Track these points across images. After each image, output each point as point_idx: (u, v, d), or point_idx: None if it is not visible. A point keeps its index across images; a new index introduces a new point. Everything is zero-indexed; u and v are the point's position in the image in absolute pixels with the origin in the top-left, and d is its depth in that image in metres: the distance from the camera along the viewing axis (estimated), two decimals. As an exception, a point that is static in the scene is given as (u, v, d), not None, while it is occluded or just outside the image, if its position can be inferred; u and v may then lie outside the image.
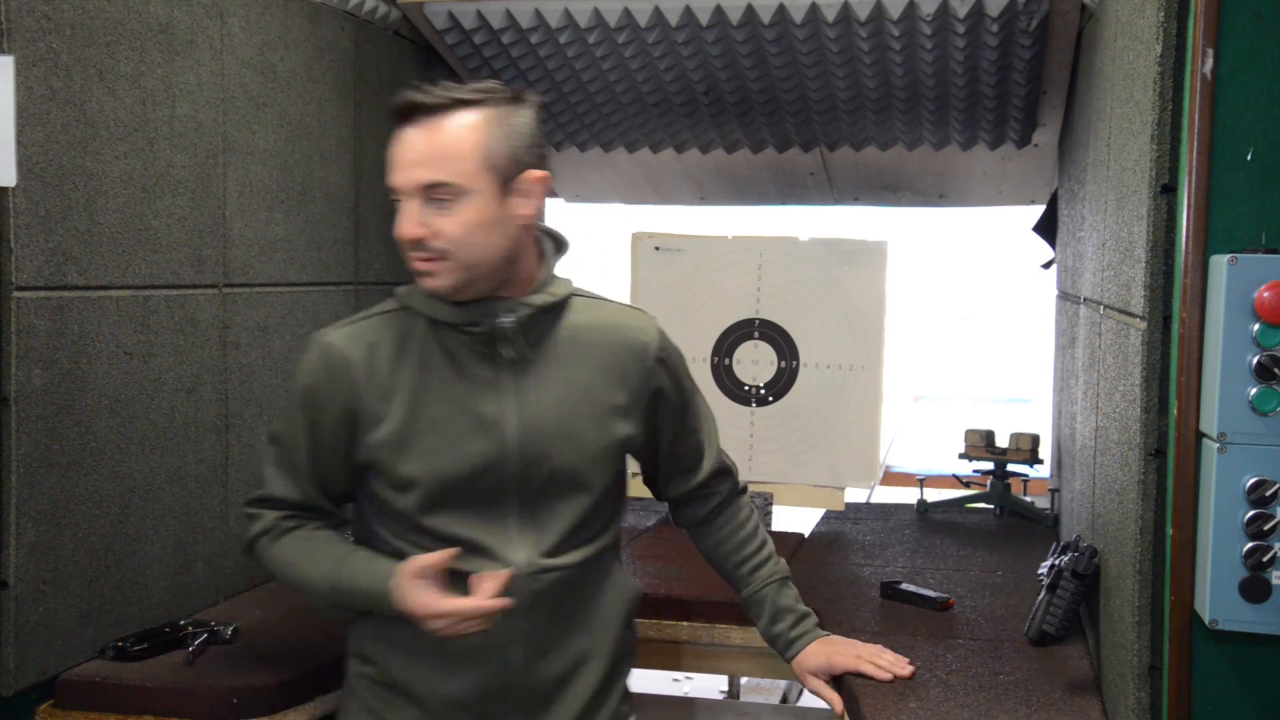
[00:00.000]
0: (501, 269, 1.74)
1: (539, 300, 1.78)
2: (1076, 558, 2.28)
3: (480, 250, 1.71)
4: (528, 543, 1.78)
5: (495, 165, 1.70)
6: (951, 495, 3.70)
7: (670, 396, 1.93)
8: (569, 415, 1.79)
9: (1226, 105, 1.67)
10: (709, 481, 2.05)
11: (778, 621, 2.10)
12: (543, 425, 1.77)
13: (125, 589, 2.34)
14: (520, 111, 1.73)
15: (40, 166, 2.10)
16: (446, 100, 1.73)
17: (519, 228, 1.74)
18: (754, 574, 2.09)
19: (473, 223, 1.70)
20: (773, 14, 3.05)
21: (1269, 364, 1.61)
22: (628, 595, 1.95)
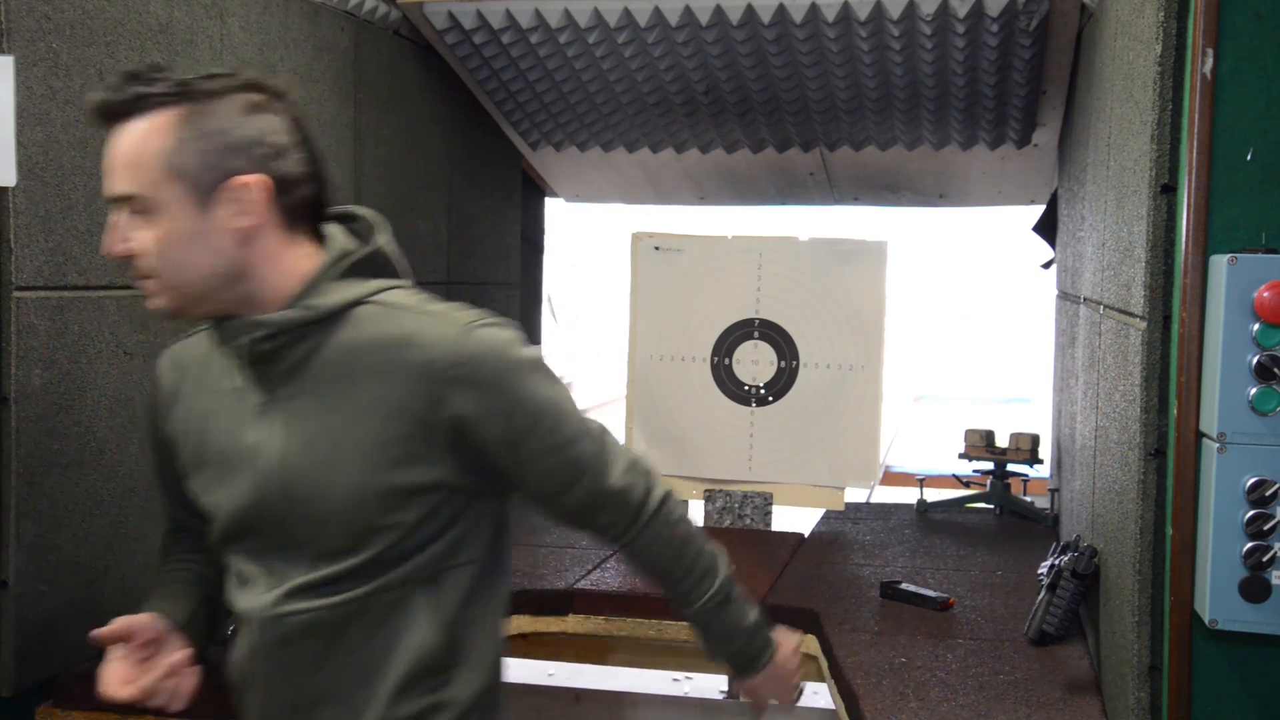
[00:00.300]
0: (224, 287, 1.47)
1: (281, 318, 1.47)
2: (1076, 558, 2.28)
3: (185, 269, 1.45)
4: (275, 581, 1.54)
5: (183, 173, 1.43)
6: (951, 495, 3.70)
7: (484, 424, 1.48)
8: (327, 453, 1.49)
9: (1226, 105, 1.67)
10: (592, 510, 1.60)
11: (718, 650, 1.75)
12: (299, 461, 1.49)
13: (125, 589, 2.33)
14: (222, 108, 1.46)
15: (40, 166, 2.10)
16: (131, 98, 1.47)
17: (235, 242, 1.45)
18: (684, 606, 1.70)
19: (167, 238, 1.44)
20: (773, 14, 3.05)
21: (1269, 364, 1.61)
22: (421, 652, 1.53)
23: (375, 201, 3.19)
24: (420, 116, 3.43)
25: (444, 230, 3.59)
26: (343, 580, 1.50)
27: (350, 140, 3.07)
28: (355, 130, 3.09)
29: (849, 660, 2.30)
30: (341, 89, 3.02)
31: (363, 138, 3.13)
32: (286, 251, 1.50)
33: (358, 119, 3.10)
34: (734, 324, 3.52)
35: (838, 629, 2.49)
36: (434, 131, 3.51)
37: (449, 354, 1.48)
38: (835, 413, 3.44)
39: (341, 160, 3.03)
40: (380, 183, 3.23)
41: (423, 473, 1.48)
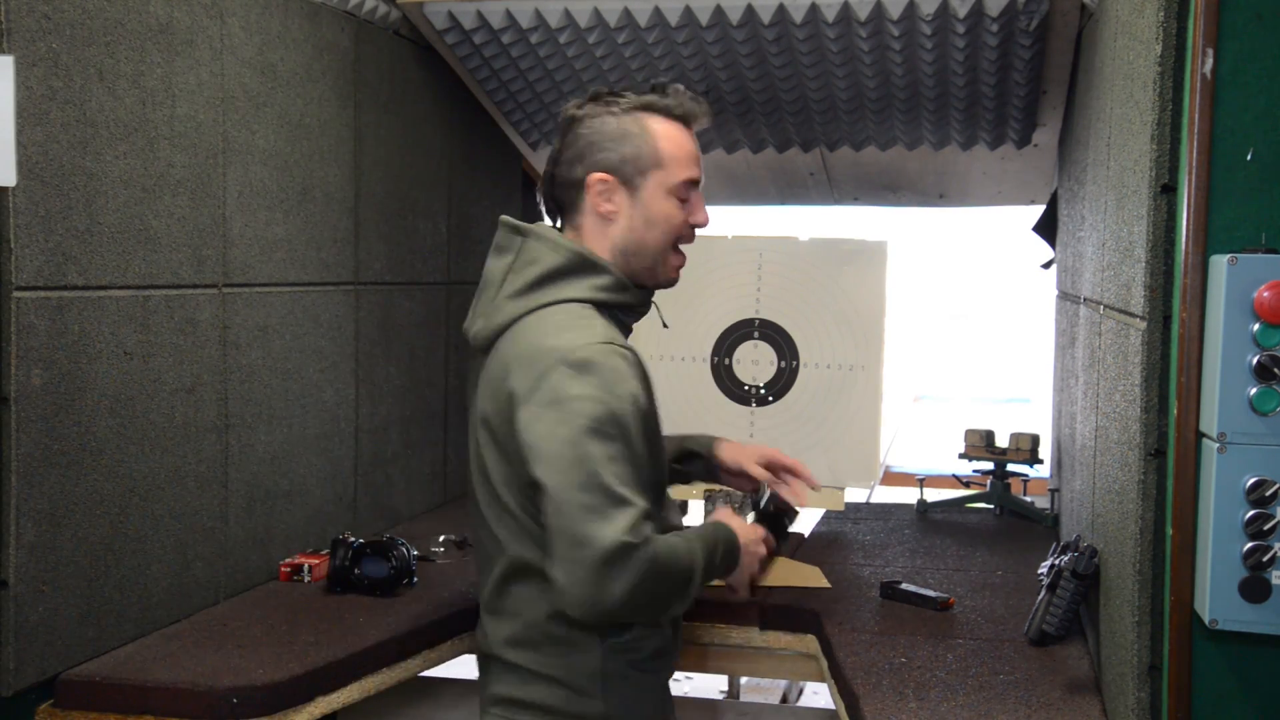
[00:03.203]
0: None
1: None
2: (1076, 558, 2.28)
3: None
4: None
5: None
6: (951, 495, 3.70)
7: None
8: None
9: (1226, 105, 1.67)
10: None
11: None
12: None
13: (125, 589, 2.34)
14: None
15: (40, 166, 2.10)
16: (706, 110, 2.06)
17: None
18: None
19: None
20: (773, 14, 3.05)
21: (1269, 364, 1.61)
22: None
23: (375, 201, 3.19)
24: (420, 116, 3.43)
25: (444, 230, 3.59)
26: None
27: (350, 140, 3.07)
28: (355, 130, 3.09)
29: (849, 660, 2.30)
30: (341, 89, 3.02)
31: (363, 138, 3.13)
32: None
33: (358, 119, 3.10)
34: (734, 324, 3.52)
35: (838, 629, 2.49)
36: (434, 131, 3.51)
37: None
38: (835, 413, 3.44)
39: (341, 160, 3.04)
40: (380, 183, 3.23)
41: None
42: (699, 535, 1.88)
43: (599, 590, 1.67)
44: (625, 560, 1.67)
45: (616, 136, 1.91)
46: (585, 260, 1.88)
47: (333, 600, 2.63)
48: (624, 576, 1.67)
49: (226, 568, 2.64)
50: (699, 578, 1.83)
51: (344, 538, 2.70)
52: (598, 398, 1.73)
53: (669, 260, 1.95)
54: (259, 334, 2.72)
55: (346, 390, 3.09)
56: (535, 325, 1.83)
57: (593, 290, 1.87)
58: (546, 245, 1.89)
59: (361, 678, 2.33)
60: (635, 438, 1.77)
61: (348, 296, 3.08)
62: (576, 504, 1.68)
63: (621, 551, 1.66)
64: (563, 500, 1.69)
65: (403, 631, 2.45)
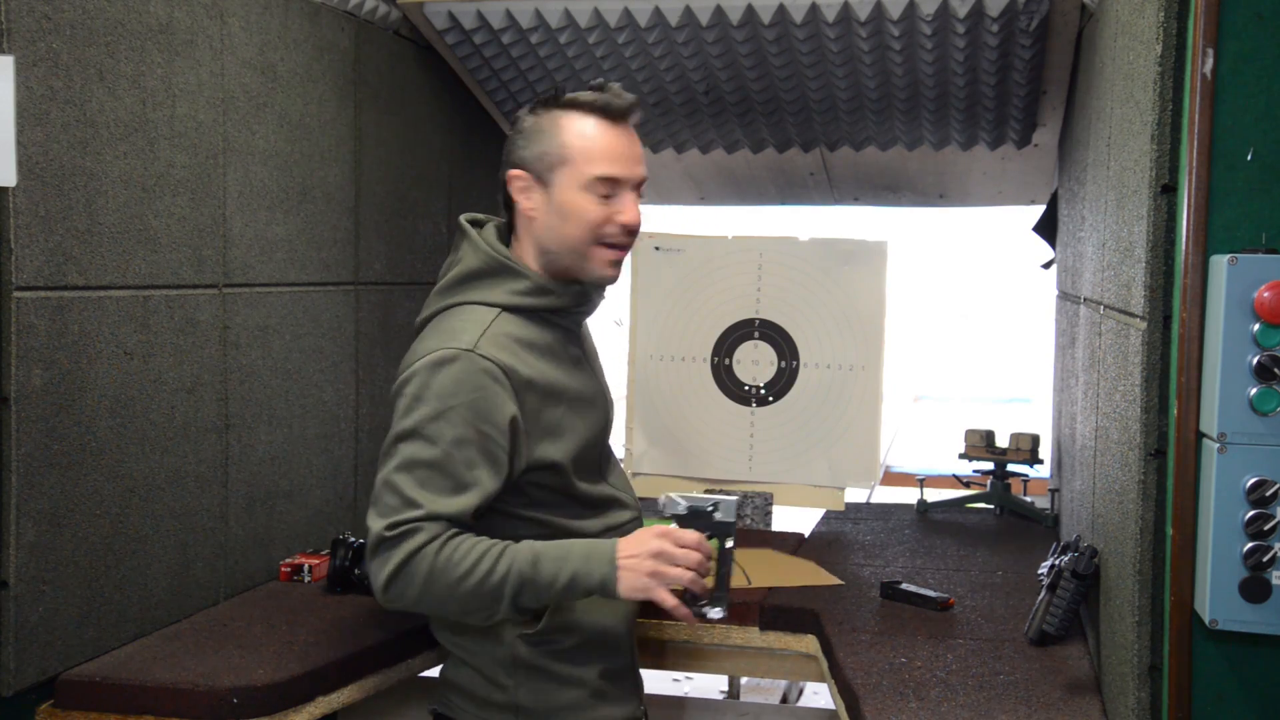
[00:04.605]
0: None
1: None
2: (1076, 558, 2.28)
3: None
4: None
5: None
6: (951, 495, 3.70)
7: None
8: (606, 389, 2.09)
9: (1226, 105, 1.67)
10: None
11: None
12: (606, 393, 2.06)
13: (125, 589, 2.34)
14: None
15: (40, 166, 2.10)
16: (632, 103, 1.96)
17: None
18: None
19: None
20: (773, 14, 3.05)
21: (1269, 364, 1.62)
22: None
23: (375, 201, 3.19)
24: (420, 116, 3.43)
25: (444, 230, 3.59)
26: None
27: (350, 140, 3.07)
28: (355, 130, 3.09)
29: (849, 660, 2.30)
30: (341, 89, 3.02)
31: (363, 138, 3.13)
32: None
33: (358, 119, 3.10)
34: (734, 324, 3.52)
35: (838, 629, 2.49)
36: (434, 131, 3.51)
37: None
38: (835, 413, 3.44)
39: (341, 160, 3.04)
40: (380, 183, 3.23)
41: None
42: (543, 551, 1.80)
43: (374, 573, 1.79)
44: (384, 551, 1.77)
45: (531, 134, 1.93)
46: (502, 265, 1.92)
47: (333, 600, 2.63)
48: (384, 566, 1.77)
49: (226, 568, 2.64)
50: (510, 595, 1.78)
51: (344, 538, 2.70)
52: (429, 400, 1.80)
53: (595, 255, 1.92)
54: (259, 334, 2.72)
55: (346, 390, 3.09)
56: (434, 326, 1.93)
57: (509, 295, 1.91)
58: (471, 247, 1.96)
59: (361, 678, 2.34)
60: (452, 444, 1.79)
61: (348, 296, 3.08)
62: (374, 494, 1.82)
63: (381, 542, 1.77)
64: (374, 490, 1.83)
65: (403, 631, 2.45)
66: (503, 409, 1.83)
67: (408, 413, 1.82)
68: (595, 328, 2.16)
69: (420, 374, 1.82)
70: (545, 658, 1.93)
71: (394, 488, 1.79)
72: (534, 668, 1.93)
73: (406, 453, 1.80)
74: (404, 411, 1.82)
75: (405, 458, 1.80)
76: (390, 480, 1.79)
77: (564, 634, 1.94)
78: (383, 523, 1.78)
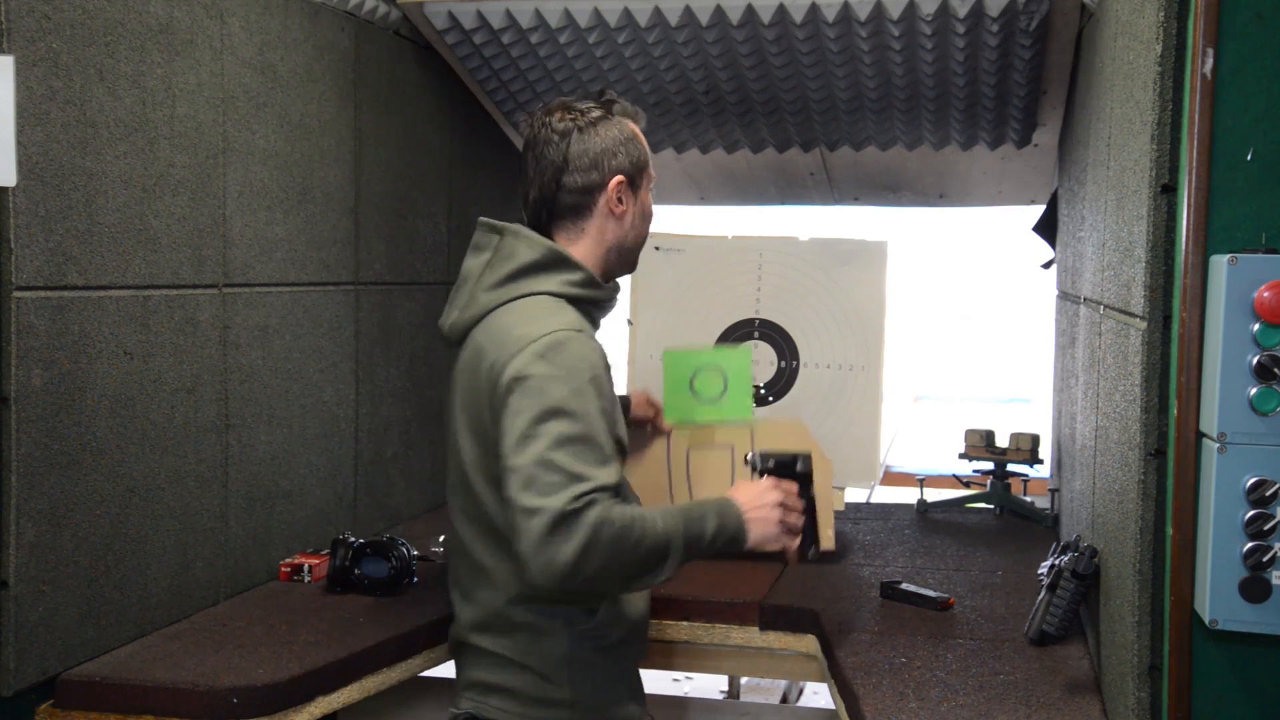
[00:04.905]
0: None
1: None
2: (1076, 558, 2.28)
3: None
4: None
5: None
6: (951, 495, 3.70)
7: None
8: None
9: (1226, 105, 1.67)
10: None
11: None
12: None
13: (125, 589, 2.34)
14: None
15: (40, 166, 2.10)
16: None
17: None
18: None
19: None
20: (773, 14, 3.05)
21: (1269, 364, 1.61)
22: None
23: (375, 201, 3.19)
24: (420, 116, 3.43)
25: (444, 230, 3.59)
26: None
27: (350, 140, 3.07)
28: (355, 130, 3.09)
29: (849, 660, 2.30)
30: (341, 89, 3.02)
31: (363, 138, 3.13)
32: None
33: (358, 119, 3.10)
34: (734, 324, 3.52)
35: (838, 629, 2.49)
36: (434, 131, 3.51)
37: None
38: (835, 413, 3.43)
39: (341, 160, 3.04)
40: (380, 183, 3.23)
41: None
42: (681, 509, 1.92)
43: (550, 556, 1.75)
44: (569, 526, 1.75)
45: (625, 141, 2.05)
46: (559, 256, 2.01)
47: (333, 600, 2.63)
48: (570, 541, 1.75)
49: (226, 568, 2.64)
50: (677, 550, 1.87)
51: (344, 538, 2.71)
52: (561, 379, 1.84)
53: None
54: (259, 334, 2.72)
55: (346, 390, 3.09)
56: (508, 315, 1.96)
57: (564, 285, 1.99)
58: (523, 241, 2.02)
59: (361, 678, 2.34)
60: (596, 417, 1.85)
61: (348, 296, 3.08)
62: (528, 478, 1.78)
63: (563, 518, 1.75)
64: (521, 475, 1.79)
65: (403, 631, 2.45)
66: (611, 384, 1.95)
67: (542, 393, 1.83)
68: (609, 327, 2.21)
69: (544, 355, 1.86)
70: (596, 653, 1.99)
71: (554, 465, 1.78)
72: (587, 663, 1.98)
73: (555, 430, 1.81)
74: (537, 392, 1.83)
75: (556, 435, 1.80)
76: (547, 459, 1.78)
77: (613, 627, 2.00)
78: (560, 499, 1.76)
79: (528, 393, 1.83)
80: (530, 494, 1.77)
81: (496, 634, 1.99)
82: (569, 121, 2.04)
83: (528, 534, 1.76)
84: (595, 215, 2.04)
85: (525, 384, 1.84)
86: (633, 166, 2.05)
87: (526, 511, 1.76)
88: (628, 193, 2.05)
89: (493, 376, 1.89)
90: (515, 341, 1.89)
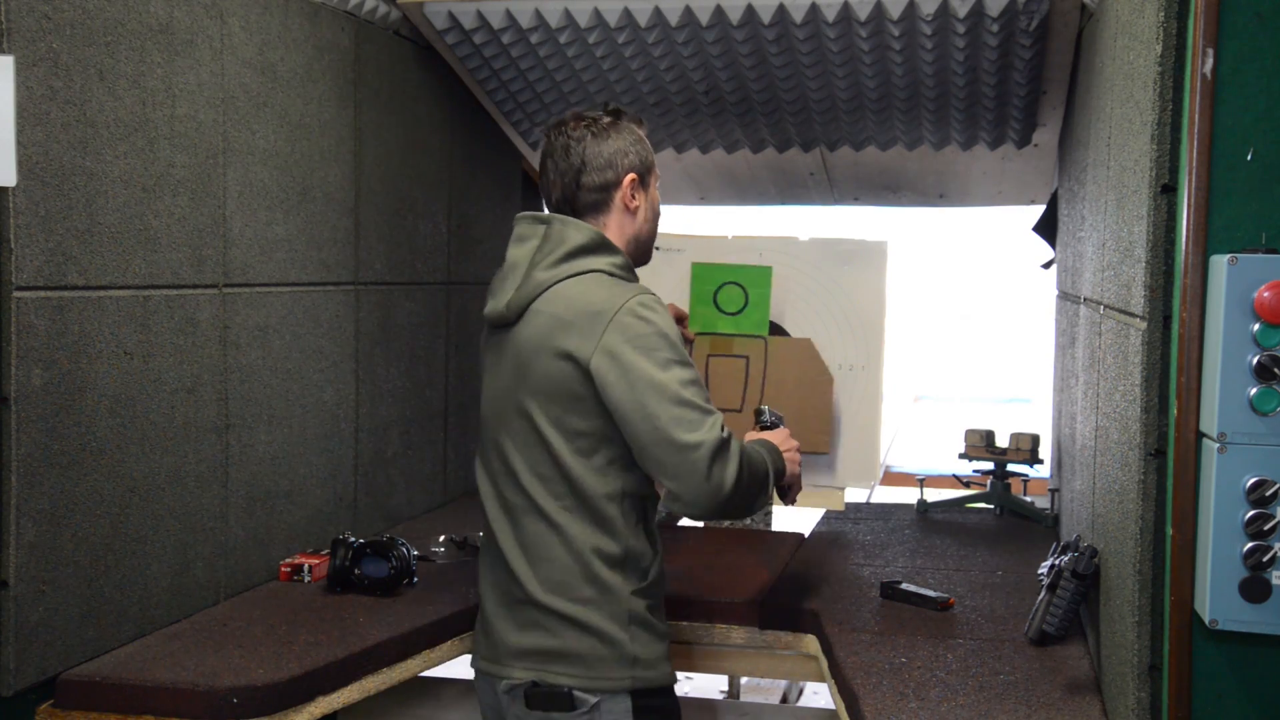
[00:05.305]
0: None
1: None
2: (1076, 558, 2.28)
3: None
4: None
5: None
6: (951, 495, 3.70)
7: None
8: None
9: (1226, 105, 1.67)
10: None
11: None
12: None
13: (125, 589, 2.34)
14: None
15: (40, 166, 2.10)
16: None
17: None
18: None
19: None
20: (773, 14, 3.05)
21: (1269, 364, 1.62)
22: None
23: (375, 201, 3.19)
24: (420, 116, 3.43)
25: (444, 230, 3.59)
26: None
27: (350, 140, 3.07)
28: (355, 130, 3.09)
29: (849, 660, 2.30)
30: (341, 89, 3.02)
31: (363, 138, 3.13)
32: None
33: (358, 119, 3.10)
34: (734, 324, 3.52)
35: (838, 629, 2.49)
36: (434, 131, 3.51)
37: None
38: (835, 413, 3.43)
39: (341, 160, 3.04)
40: (380, 183, 3.23)
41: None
42: (759, 444, 2.20)
43: (714, 483, 1.98)
44: (726, 451, 2.00)
45: (635, 142, 2.21)
46: (605, 240, 2.17)
47: (333, 600, 2.63)
48: (730, 465, 2.00)
49: (226, 568, 2.64)
50: (773, 474, 2.17)
51: (344, 538, 2.70)
52: (664, 332, 2.04)
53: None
54: (259, 334, 2.72)
55: (346, 390, 3.09)
56: (575, 286, 2.10)
57: (611, 266, 2.15)
58: (572, 227, 2.15)
59: (361, 678, 2.34)
60: (690, 360, 2.08)
61: (348, 296, 3.08)
62: (674, 418, 1.98)
63: (722, 445, 1.99)
64: (662, 421, 1.98)
65: (403, 631, 2.45)
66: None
67: (658, 346, 2.02)
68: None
69: (641, 315, 2.04)
70: (649, 611, 2.13)
71: (691, 404, 2.00)
72: (643, 621, 2.11)
73: (679, 375, 2.02)
74: (652, 346, 2.02)
75: (681, 379, 2.01)
76: (684, 398, 1.99)
77: (659, 587, 2.17)
78: (713, 431, 1.99)
79: (643, 348, 2.01)
80: (684, 431, 1.98)
81: (568, 595, 2.08)
82: (584, 128, 2.18)
83: (694, 466, 1.97)
84: (613, 211, 2.19)
85: (639, 341, 2.02)
86: (643, 165, 2.21)
87: (688, 447, 1.97)
88: (639, 189, 2.20)
89: (586, 340, 2.03)
90: (605, 305, 2.05)
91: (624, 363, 2.01)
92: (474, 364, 3.79)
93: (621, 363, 2.01)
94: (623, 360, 2.01)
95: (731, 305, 3.37)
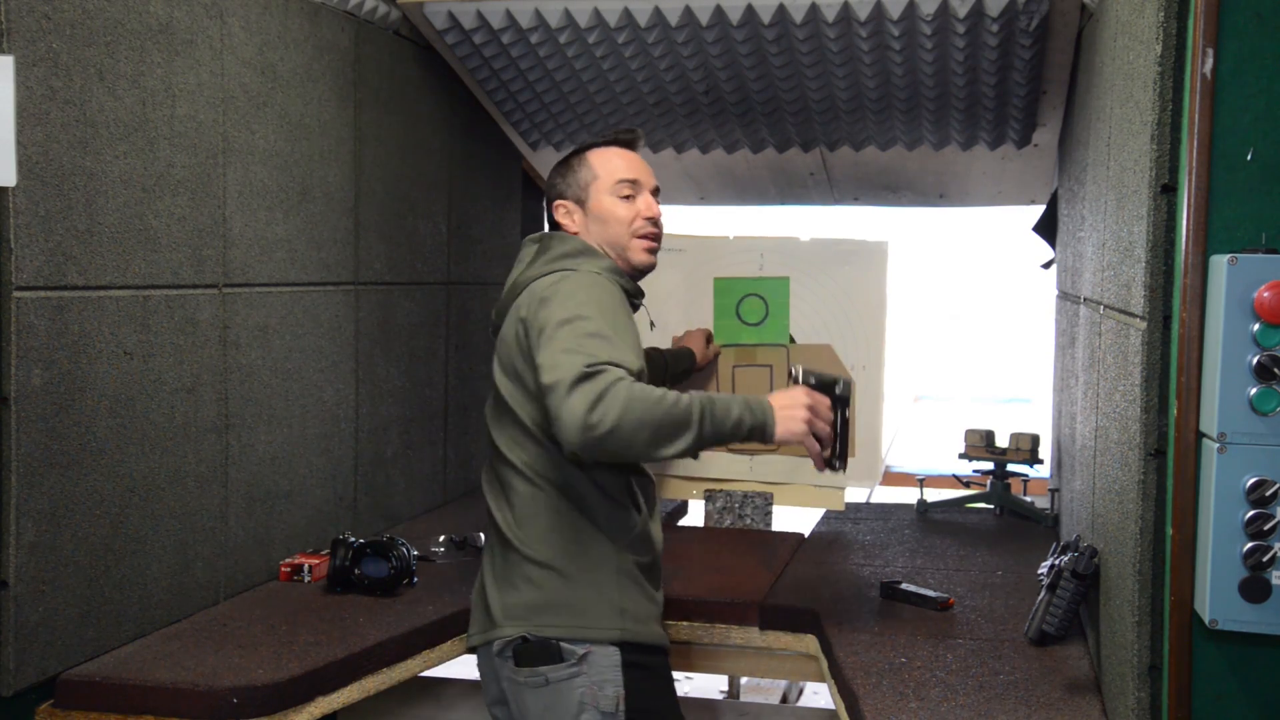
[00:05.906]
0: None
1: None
2: (1076, 558, 2.28)
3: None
4: None
5: None
6: (951, 495, 3.70)
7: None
8: None
9: (1226, 105, 1.67)
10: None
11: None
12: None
13: (125, 589, 2.34)
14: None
15: (40, 166, 2.10)
16: (638, 137, 2.40)
17: None
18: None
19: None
20: (773, 14, 3.05)
21: (1269, 364, 1.61)
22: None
23: (375, 201, 3.19)
24: (420, 116, 3.43)
25: (444, 230, 3.59)
26: None
27: (350, 140, 3.07)
28: (355, 130, 3.09)
29: (849, 660, 2.30)
30: (341, 89, 3.02)
31: (363, 138, 3.13)
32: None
33: (358, 119, 3.10)
34: (734, 324, 3.52)
35: (838, 629, 2.49)
36: (434, 131, 3.51)
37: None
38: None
39: (341, 160, 3.04)
40: (380, 183, 3.23)
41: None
42: (750, 397, 2.06)
43: (572, 408, 1.89)
44: (580, 384, 1.90)
45: (565, 173, 2.32)
46: (588, 248, 2.26)
47: (333, 600, 2.63)
48: (584, 397, 1.89)
49: (226, 568, 2.64)
50: (700, 421, 1.97)
51: (344, 538, 2.71)
52: (580, 295, 2.06)
53: (633, 246, 2.28)
54: (259, 334, 2.72)
55: (346, 390, 3.09)
56: (545, 279, 2.16)
57: (599, 270, 2.20)
58: (563, 238, 2.28)
59: (361, 678, 2.34)
60: (620, 327, 2.06)
61: (348, 296, 3.08)
62: (553, 364, 1.95)
63: (581, 378, 1.90)
64: (550, 361, 1.97)
65: (403, 631, 2.45)
66: (634, 324, 2.16)
67: (563, 305, 2.04)
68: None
69: (560, 282, 2.10)
70: (637, 569, 2.17)
71: (571, 350, 1.95)
72: (633, 578, 2.16)
73: (578, 329, 1.99)
74: (557, 306, 2.04)
75: (579, 331, 1.99)
76: (568, 347, 1.96)
77: (644, 545, 2.19)
78: (576, 367, 1.92)
79: (549, 306, 2.05)
80: (551, 375, 1.94)
81: (556, 549, 2.12)
82: (555, 174, 2.35)
83: (556, 394, 1.91)
84: (573, 229, 2.31)
85: (548, 302, 2.06)
86: (572, 188, 2.29)
87: (551, 387, 1.93)
88: (574, 210, 2.29)
89: (530, 314, 2.09)
90: (549, 281, 2.13)
91: (537, 323, 2.06)
92: (474, 364, 3.79)
93: (536, 323, 2.07)
94: (537, 322, 2.06)
95: (753, 316, 3.46)
